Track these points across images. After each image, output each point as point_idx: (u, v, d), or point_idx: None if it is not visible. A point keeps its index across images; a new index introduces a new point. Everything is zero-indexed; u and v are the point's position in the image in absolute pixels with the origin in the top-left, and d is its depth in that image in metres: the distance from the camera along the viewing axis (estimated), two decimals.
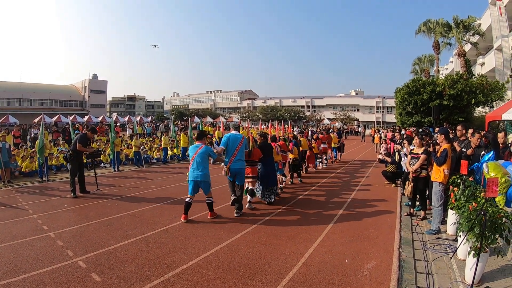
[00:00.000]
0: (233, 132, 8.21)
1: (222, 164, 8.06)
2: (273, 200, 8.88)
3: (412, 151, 7.96)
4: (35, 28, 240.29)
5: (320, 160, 16.25)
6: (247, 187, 8.46)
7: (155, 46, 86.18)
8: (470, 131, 8.44)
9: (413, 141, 9.27)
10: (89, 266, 4.93)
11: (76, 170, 9.77)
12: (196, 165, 7.20)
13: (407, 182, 7.98)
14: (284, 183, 10.95)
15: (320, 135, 17.24)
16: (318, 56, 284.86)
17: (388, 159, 11.61)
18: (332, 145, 18.51)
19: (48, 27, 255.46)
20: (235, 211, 7.77)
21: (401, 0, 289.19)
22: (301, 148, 13.18)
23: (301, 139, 13.81)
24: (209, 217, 7.49)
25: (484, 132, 9.95)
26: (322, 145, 16.34)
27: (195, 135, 8.17)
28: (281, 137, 12.71)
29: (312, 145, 14.91)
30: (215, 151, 7.75)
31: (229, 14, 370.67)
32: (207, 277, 4.62)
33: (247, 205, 8.39)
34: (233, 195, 7.95)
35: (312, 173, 14.93)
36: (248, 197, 8.45)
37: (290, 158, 11.84)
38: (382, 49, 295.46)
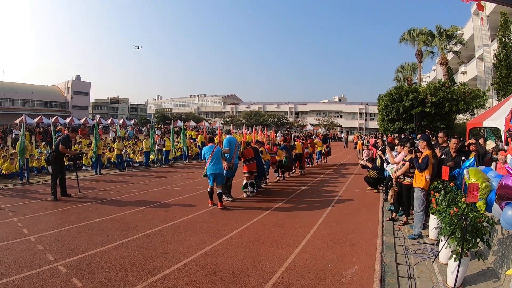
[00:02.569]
0: (230, 135, 10.48)
1: (225, 162, 9.50)
2: (255, 191, 10.73)
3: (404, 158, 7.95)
4: (18, 26, 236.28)
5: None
6: (245, 183, 10.45)
7: (138, 47, 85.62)
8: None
9: (395, 147, 9.41)
10: (70, 271, 4.83)
11: (57, 172, 9.58)
12: (213, 162, 8.88)
13: (392, 187, 8.07)
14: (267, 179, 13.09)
15: (303, 141, 17.96)
16: (302, 63, 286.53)
17: (369, 165, 11.76)
18: (318, 149, 20.67)
19: (32, 26, 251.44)
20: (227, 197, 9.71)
21: (385, 9, 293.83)
22: (295, 151, 15.26)
23: (296, 143, 15.83)
24: (219, 207, 8.80)
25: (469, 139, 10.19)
26: (305, 150, 17.26)
27: (208, 139, 10.55)
28: (267, 142, 14.79)
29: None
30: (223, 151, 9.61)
31: (215, 18, 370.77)
32: (190, 282, 4.57)
33: (244, 195, 10.35)
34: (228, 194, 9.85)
35: (297, 176, 15.35)
36: (249, 189, 10.43)
37: (277, 159, 13.57)
38: (365, 57, 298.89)
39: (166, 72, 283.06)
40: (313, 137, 24.84)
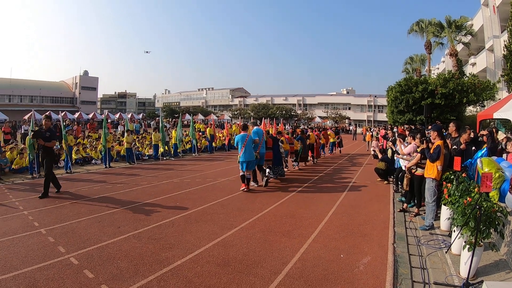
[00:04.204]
0: (257, 127, 11.19)
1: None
2: (275, 177, 11.70)
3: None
4: (25, 23, 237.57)
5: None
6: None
7: (147, 52, 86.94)
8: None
9: (406, 139, 9.32)
10: (81, 262, 4.85)
11: (51, 167, 9.27)
12: (245, 150, 9.81)
13: (405, 175, 8.01)
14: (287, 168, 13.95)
15: (316, 132, 19.26)
16: (310, 55, 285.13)
17: (380, 155, 11.71)
18: (331, 140, 21.62)
19: (39, 22, 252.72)
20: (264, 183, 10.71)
21: (394, 0, 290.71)
22: (308, 141, 16.06)
23: (309, 134, 16.53)
24: (244, 189, 9.87)
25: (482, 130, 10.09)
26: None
27: (241, 127, 11.09)
28: (286, 132, 15.97)
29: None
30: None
31: (222, 14, 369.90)
32: (202, 273, 4.57)
33: (264, 181, 10.84)
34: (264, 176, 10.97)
35: (310, 166, 15.90)
36: (269, 173, 11.23)
37: (294, 149, 14.67)
38: (373, 49, 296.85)
39: (173, 66, 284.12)
40: (326, 129, 25.74)
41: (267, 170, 11.18)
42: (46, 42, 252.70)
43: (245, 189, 9.86)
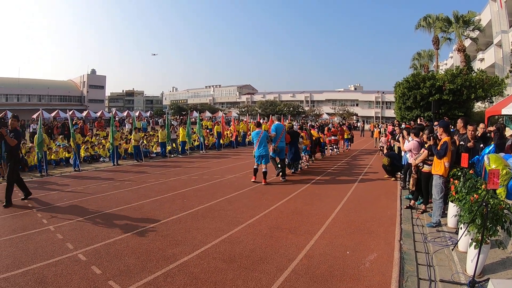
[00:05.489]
0: (278, 122, 12.12)
1: (272, 144, 11.37)
2: (296, 171, 12.64)
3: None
4: (33, 23, 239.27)
5: (332, 148, 19.69)
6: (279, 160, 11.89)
7: (154, 54, 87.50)
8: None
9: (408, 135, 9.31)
10: (89, 259, 4.91)
11: (15, 170, 8.40)
12: (260, 145, 10.56)
13: (412, 175, 7.98)
14: (305, 162, 14.46)
15: (333, 129, 20.33)
16: (317, 52, 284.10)
17: (385, 151, 11.78)
18: (345, 136, 22.34)
19: (47, 22, 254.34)
20: (281, 178, 11.15)
21: None
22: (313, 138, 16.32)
23: (312, 131, 16.42)
24: (263, 183, 10.40)
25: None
26: (332, 137, 19.61)
27: (256, 123, 12.30)
28: (305, 128, 16.48)
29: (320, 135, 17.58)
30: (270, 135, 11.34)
31: (230, 11, 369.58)
32: (208, 269, 4.61)
33: (281, 179, 11.19)
34: (277, 168, 11.63)
35: (318, 162, 16.20)
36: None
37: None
38: (381, 44, 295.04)
39: (181, 64, 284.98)
40: (342, 125, 26.26)
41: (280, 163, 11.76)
42: (53, 41, 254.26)
43: (264, 183, 10.44)
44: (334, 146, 20.10)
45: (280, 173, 11.27)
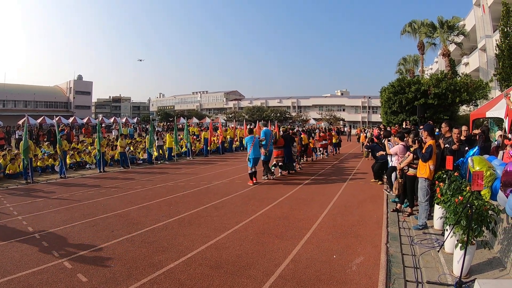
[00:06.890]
0: (266, 128, 13.42)
1: (262, 149, 12.10)
2: (288, 171, 13.84)
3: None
4: (19, 28, 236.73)
5: (321, 152, 20.47)
6: (274, 163, 13.43)
7: (140, 60, 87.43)
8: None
9: (390, 138, 9.41)
10: (75, 266, 4.85)
11: None
12: (254, 149, 11.50)
13: (397, 179, 8.04)
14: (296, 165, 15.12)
15: (323, 133, 20.98)
16: (304, 57, 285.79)
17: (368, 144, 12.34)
18: (334, 140, 22.64)
19: (33, 27, 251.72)
20: (271, 177, 12.50)
21: (386, 1, 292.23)
22: (303, 143, 16.91)
23: (302, 136, 17.03)
24: (254, 182, 11.50)
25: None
26: (323, 141, 20.31)
27: (248, 130, 13.95)
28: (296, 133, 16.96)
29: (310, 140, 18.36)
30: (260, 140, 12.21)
31: (216, 15, 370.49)
32: (195, 275, 4.57)
33: (272, 177, 12.60)
34: (269, 172, 12.56)
35: (306, 166, 16.32)
36: (279, 170, 13.51)
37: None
38: (367, 50, 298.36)
39: (168, 70, 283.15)
40: (331, 130, 26.64)
41: (279, 164, 13.34)
42: (40, 47, 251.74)
43: (255, 182, 11.53)
44: (324, 150, 20.81)
45: (268, 174, 12.45)
